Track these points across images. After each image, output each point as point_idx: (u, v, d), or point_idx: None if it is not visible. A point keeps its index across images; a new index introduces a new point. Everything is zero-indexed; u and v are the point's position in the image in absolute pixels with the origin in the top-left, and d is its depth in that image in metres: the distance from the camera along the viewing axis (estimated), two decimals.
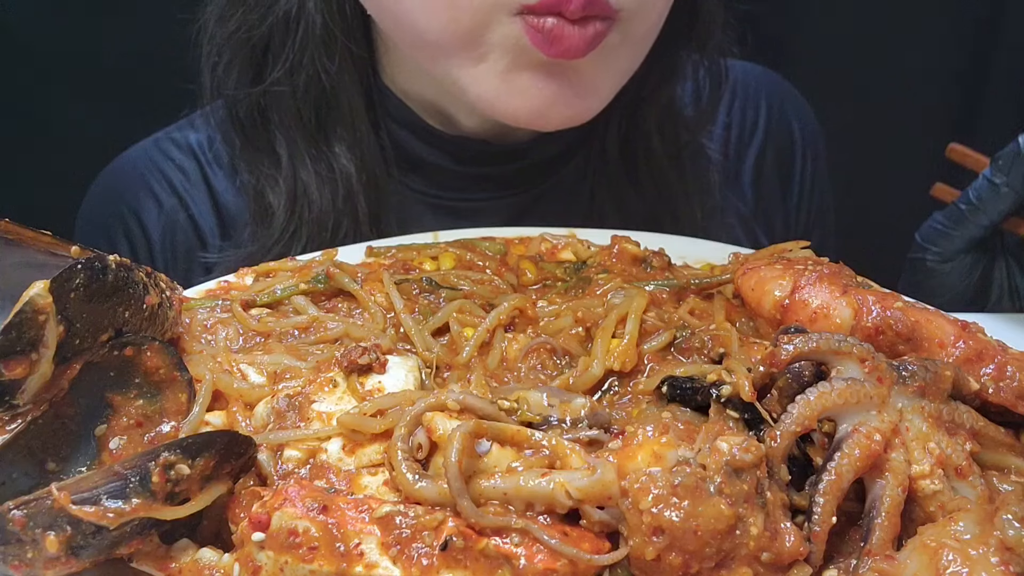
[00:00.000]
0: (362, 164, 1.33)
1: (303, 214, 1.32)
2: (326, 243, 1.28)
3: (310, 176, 1.32)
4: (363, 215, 1.33)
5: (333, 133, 1.33)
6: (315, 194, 1.32)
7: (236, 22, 1.30)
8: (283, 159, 1.33)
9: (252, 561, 0.68)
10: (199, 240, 1.44)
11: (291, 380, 0.84)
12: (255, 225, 1.36)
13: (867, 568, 0.68)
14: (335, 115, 1.32)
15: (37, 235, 0.81)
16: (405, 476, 0.70)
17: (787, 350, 0.76)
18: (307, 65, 1.28)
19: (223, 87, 1.34)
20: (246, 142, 1.36)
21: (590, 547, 0.68)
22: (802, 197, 1.63)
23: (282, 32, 1.28)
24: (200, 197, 1.45)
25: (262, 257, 1.29)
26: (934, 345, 0.84)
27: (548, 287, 1.03)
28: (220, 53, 1.33)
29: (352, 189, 1.32)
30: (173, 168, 1.45)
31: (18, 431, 0.75)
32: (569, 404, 0.78)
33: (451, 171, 1.39)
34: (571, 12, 1.05)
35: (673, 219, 1.41)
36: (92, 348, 0.78)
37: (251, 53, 1.31)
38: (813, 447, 0.76)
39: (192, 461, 0.71)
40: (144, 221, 1.44)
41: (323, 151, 1.33)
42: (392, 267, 1.06)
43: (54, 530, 0.67)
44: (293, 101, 1.31)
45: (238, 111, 1.35)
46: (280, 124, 1.33)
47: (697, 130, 1.47)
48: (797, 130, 1.62)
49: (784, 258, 1.00)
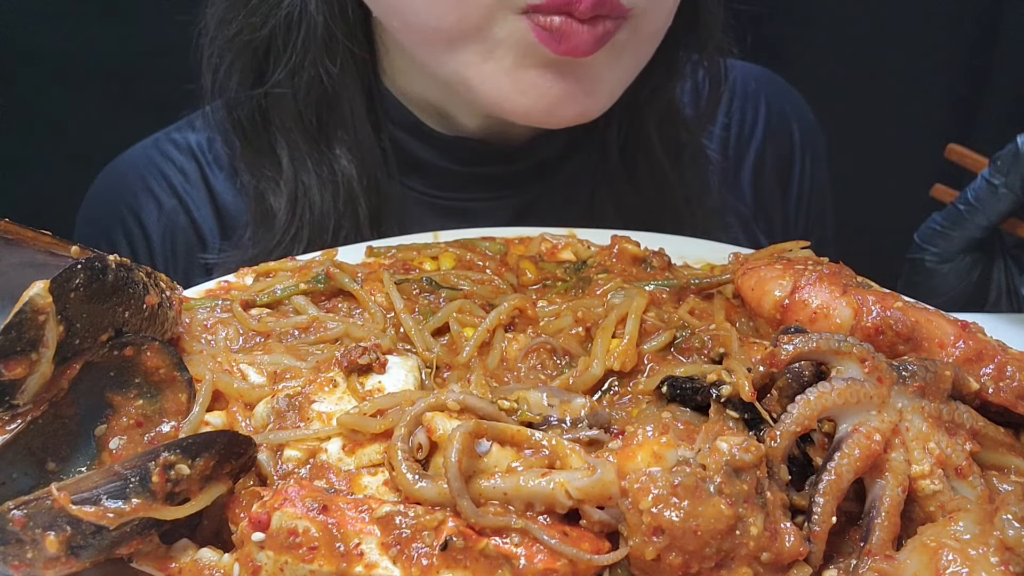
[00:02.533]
0: (363, 166, 1.33)
1: (304, 216, 1.32)
2: (326, 245, 1.27)
3: (311, 178, 1.32)
4: (364, 217, 1.33)
5: (334, 135, 1.33)
6: (316, 196, 1.32)
7: (238, 25, 1.29)
8: (284, 161, 1.33)
9: (252, 561, 0.68)
10: (199, 241, 1.44)
11: (291, 380, 0.84)
12: (255, 227, 1.36)
13: (867, 568, 0.68)
14: (336, 117, 1.32)
15: (37, 235, 0.81)
16: (405, 476, 0.70)
17: (787, 350, 0.76)
18: (308, 67, 1.28)
19: (224, 89, 1.34)
20: (247, 144, 1.36)
21: (590, 547, 0.68)
22: (801, 198, 1.63)
23: (284, 34, 1.28)
24: (200, 198, 1.45)
25: (263, 259, 1.29)
26: (934, 345, 0.84)
27: (548, 287, 1.03)
28: (221, 56, 1.33)
29: (353, 191, 1.32)
30: (173, 169, 1.45)
31: (18, 431, 0.75)
32: (569, 404, 0.78)
33: (451, 171, 1.39)
34: (581, 12, 1.05)
35: (673, 219, 1.40)
36: (92, 348, 0.77)
37: (253, 55, 1.31)
38: (813, 447, 0.76)
39: (192, 461, 0.71)
40: (144, 221, 1.44)
41: (324, 153, 1.33)
42: (392, 267, 1.06)
43: (54, 530, 0.67)
44: (294, 103, 1.31)
45: (239, 113, 1.35)
46: (281, 126, 1.33)
47: (697, 131, 1.47)
48: (796, 131, 1.63)
49: (784, 258, 1.00)
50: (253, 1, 1.27)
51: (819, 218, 1.67)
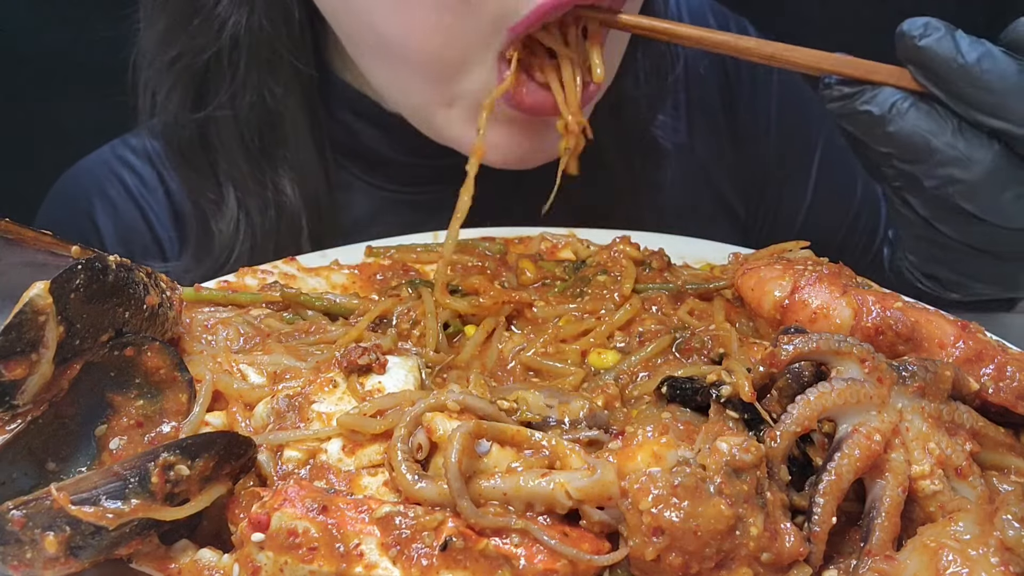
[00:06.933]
0: (305, 186, 1.31)
1: (244, 239, 1.30)
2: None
3: (252, 201, 1.30)
4: (305, 238, 1.31)
5: (276, 155, 1.30)
6: (257, 219, 1.30)
7: (178, 48, 1.25)
8: (225, 184, 1.31)
9: (252, 561, 0.68)
10: (156, 245, 1.42)
11: (291, 380, 0.83)
12: (196, 248, 1.34)
13: (867, 568, 0.68)
14: (279, 137, 1.29)
15: (38, 235, 0.81)
16: (405, 476, 0.70)
17: (787, 350, 0.76)
18: (251, 89, 1.25)
19: (163, 113, 1.30)
20: (186, 167, 1.33)
21: (590, 547, 0.68)
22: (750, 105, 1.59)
23: (228, 56, 1.23)
24: (158, 202, 1.43)
25: (202, 280, 1.29)
26: (934, 345, 0.84)
27: (547, 286, 1.03)
28: (159, 79, 1.28)
29: (295, 213, 1.30)
30: (130, 173, 1.43)
31: (18, 431, 0.75)
32: (568, 405, 0.78)
33: (404, 163, 1.36)
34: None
35: (626, 211, 1.38)
36: (92, 348, 0.77)
37: (192, 79, 1.26)
38: (813, 447, 0.76)
39: (192, 462, 0.71)
40: (99, 225, 1.43)
41: (267, 175, 1.30)
42: (391, 268, 1.06)
43: (53, 530, 0.67)
44: (236, 126, 1.28)
45: (178, 137, 1.31)
46: (222, 149, 1.29)
47: (647, 120, 1.44)
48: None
49: (784, 258, 1.00)
50: (195, 23, 1.23)
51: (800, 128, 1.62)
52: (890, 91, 0.98)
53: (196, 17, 1.23)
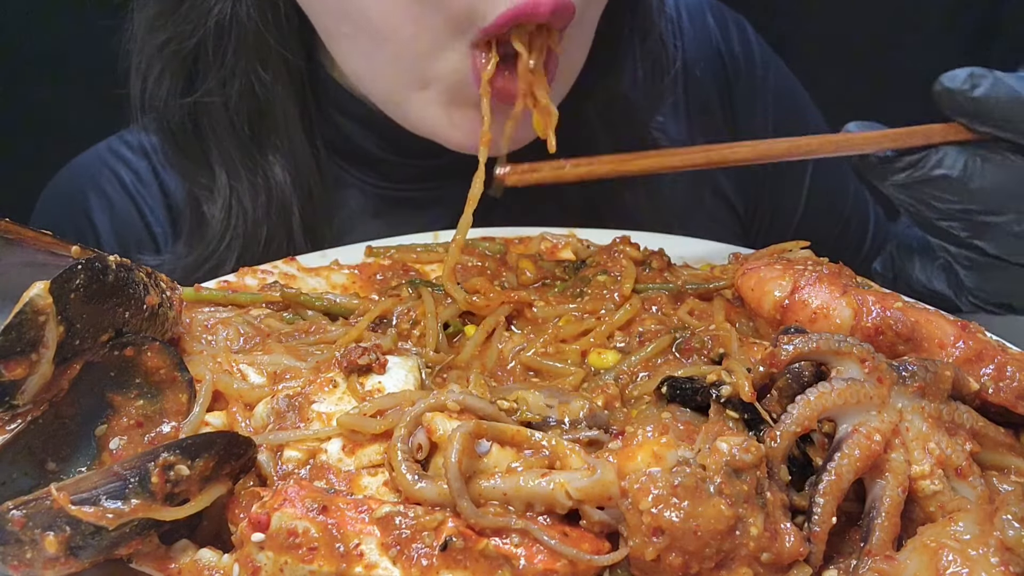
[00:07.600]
0: (296, 175, 1.31)
1: (237, 226, 1.30)
2: (258, 255, 1.26)
3: (244, 186, 1.30)
4: (297, 226, 1.31)
5: (267, 143, 1.30)
6: (249, 205, 1.30)
7: (167, 33, 1.26)
8: (217, 170, 1.31)
9: (252, 562, 0.68)
10: (152, 240, 1.42)
11: (291, 380, 0.84)
12: (190, 235, 1.34)
13: (867, 568, 0.68)
14: (269, 124, 1.30)
15: (38, 235, 0.81)
16: (405, 477, 0.70)
17: (787, 350, 0.76)
18: (240, 75, 1.26)
19: (154, 98, 1.31)
20: (179, 152, 1.34)
21: (590, 547, 0.68)
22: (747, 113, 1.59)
23: (214, 42, 1.24)
24: (153, 197, 1.43)
25: (196, 268, 1.28)
26: (934, 345, 0.84)
27: (547, 286, 1.03)
28: (150, 64, 1.30)
29: (287, 200, 1.30)
30: (126, 169, 1.44)
31: (18, 431, 0.75)
32: (568, 405, 0.78)
33: (400, 163, 1.37)
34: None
35: (619, 211, 1.38)
36: (92, 348, 0.77)
37: (182, 64, 1.28)
38: (813, 447, 0.76)
39: (192, 462, 0.71)
40: (95, 221, 1.43)
41: (258, 161, 1.30)
42: (391, 268, 1.06)
43: (53, 530, 0.67)
44: (225, 112, 1.28)
45: (170, 121, 1.32)
46: (213, 134, 1.30)
47: (645, 119, 1.44)
48: (728, 51, 1.58)
49: (784, 258, 1.00)
50: (183, 8, 1.24)
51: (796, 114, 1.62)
52: (952, 150, 0.98)
53: (184, 3, 1.24)
